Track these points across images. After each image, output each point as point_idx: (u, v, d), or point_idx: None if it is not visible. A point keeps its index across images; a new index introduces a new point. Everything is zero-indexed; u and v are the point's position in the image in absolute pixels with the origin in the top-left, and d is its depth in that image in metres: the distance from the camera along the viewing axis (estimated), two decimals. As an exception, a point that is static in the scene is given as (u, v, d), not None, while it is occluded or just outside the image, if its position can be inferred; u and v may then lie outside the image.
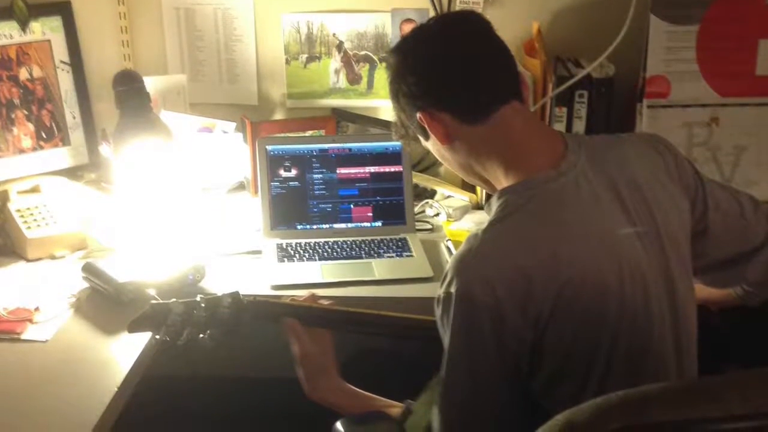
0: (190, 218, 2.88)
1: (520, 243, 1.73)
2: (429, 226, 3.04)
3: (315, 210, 2.91)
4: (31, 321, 2.30)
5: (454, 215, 3.05)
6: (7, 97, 2.99)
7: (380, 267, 2.69)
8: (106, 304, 2.41)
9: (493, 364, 1.72)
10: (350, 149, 2.96)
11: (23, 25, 3.00)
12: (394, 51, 1.95)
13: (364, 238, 2.85)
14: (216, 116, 3.25)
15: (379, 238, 2.85)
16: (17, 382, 2.06)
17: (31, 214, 2.81)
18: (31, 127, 3.05)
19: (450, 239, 2.84)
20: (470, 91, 1.85)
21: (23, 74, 3.03)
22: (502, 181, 1.86)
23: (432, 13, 3.17)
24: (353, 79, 3.33)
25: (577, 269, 1.70)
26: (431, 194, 3.21)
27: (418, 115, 1.88)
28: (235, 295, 2.07)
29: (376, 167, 2.96)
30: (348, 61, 3.30)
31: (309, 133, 3.21)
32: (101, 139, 3.18)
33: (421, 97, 1.88)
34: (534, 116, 2.59)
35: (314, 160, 2.93)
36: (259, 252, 2.79)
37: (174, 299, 2.05)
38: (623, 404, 1.30)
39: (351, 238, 2.85)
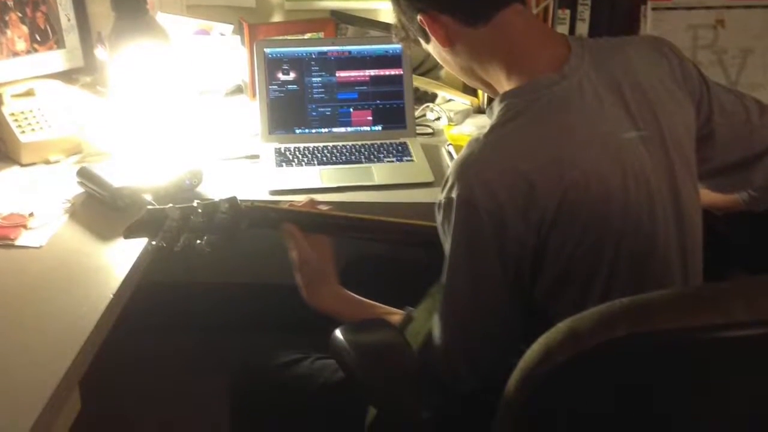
0: (187, 122, 2.85)
1: (522, 147, 1.70)
2: (430, 131, 3.02)
3: (314, 114, 2.88)
4: (25, 227, 2.28)
5: (456, 119, 3.03)
6: (0, -1, 2.94)
7: (380, 172, 2.67)
8: (102, 209, 2.39)
9: (494, 269, 1.70)
10: (350, 52, 2.91)
11: (16, -76, 2.95)
12: (395, -49, 1.91)
13: (363, 142, 2.83)
14: (213, 18, 3.21)
15: (378, 142, 2.83)
16: (11, 289, 2.04)
17: (25, 118, 2.78)
18: (25, 29, 2.99)
19: (451, 143, 2.82)
20: (471, -7, 1.82)
21: (16, -25, 2.97)
22: (504, 85, 1.83)
23: None
24: (353, -20, 3.28)
25: (580, 174, 1.67)
26: (432, 98, 3.19)
27: (419, 17, 1.85)
28: (232, 201, 2.06)
29: (376, 70, 2.91)
30: (348, -38, 3.26)
31: (308, 35, 3.17)
32: (96, 41, 3.14)
33: (421, -2, 1.84)
34: (536, 18, 2.54)
35: (313, 63, 2.89)
36: (256, 156, 2.77)
37: (170, 204, 2.04)
38: (627, 311, 1.28)
39: (350, 143, 2.82)
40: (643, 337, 1.25)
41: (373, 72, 2.91)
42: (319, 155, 2.74)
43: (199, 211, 2.01)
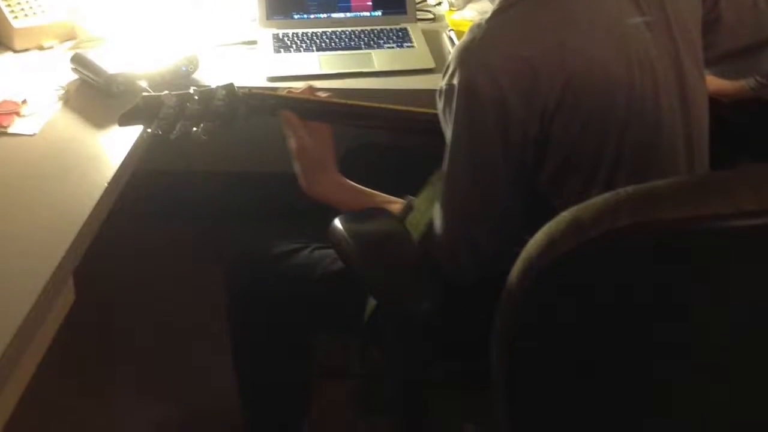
0: (182, 7, 2.82)
1: (525, 33, 1.67)
2: (431, 16, 2.98)
3: (313, -1, 2.83)
4: (18, 114, 2.25)
5: (457, 4, 2.99)
6: None
7: (380, 58, 2.63)
8: (96, 96, 2.36)
9: (496, 157, 1.68)
10: (349, -66, 2.86)
11: None
12: None
13: (363, 28, 2.78)
14: None
15: (378, 27, 2.78)
16: (3, 177, 2.02)
17: (18, 3, 2.73)
18: None
19: (452, 29, 2.79)
20: None
21: None
22: (507, -31, 1.78)
23: None
24: None
25: (584, 60, 1.64)
26: (433, -18, 3.14)
27: None
28: (229, 88, 2.03)
29: (376, -47, 2.87)
30: None
31: None
32: None
33: None
34: None
35: (312, -55, 2.84)
36: (254, 42, 2.73)
37: (166, 91, 2.01)
38: (632, 200, 1.26)
39: (350, 28, 2.78)
40: (649, 226, 1.23)
41: (373, -46, 2.87)
42: (318, 41, 2.70)
43: (196, 98, 1.98)
